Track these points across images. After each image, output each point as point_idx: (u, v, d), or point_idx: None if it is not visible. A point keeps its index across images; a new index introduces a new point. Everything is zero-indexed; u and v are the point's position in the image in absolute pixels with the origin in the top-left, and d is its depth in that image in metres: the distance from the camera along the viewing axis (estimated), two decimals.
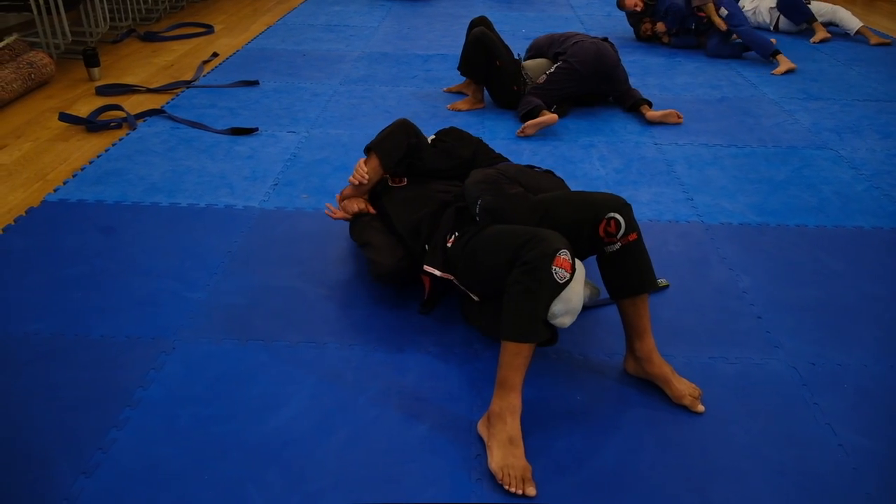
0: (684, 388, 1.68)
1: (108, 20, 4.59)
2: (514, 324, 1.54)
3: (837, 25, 5.19)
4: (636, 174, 2.94)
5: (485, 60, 3.45)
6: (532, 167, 2.05)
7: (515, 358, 1.54)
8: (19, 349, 1.82)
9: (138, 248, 2.30)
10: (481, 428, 1.58)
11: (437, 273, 1.87)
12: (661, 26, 4.83)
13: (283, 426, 1.60)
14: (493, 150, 2.26)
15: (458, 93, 3.84)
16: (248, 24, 5.48)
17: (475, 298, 1.83)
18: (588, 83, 3.53)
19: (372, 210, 2.17)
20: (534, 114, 3.33)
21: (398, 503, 1.42)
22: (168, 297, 2.04)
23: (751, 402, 1.72)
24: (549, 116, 3.27)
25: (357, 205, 2.16)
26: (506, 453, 1.49)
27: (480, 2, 6.39)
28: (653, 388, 1.72)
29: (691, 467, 1.53)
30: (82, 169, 2.85)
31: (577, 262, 1.63)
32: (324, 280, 2.15)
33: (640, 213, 2.56)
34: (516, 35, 4.07)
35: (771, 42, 4.50)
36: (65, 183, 2.73)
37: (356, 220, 2.15)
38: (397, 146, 2.10)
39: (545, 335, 1.59)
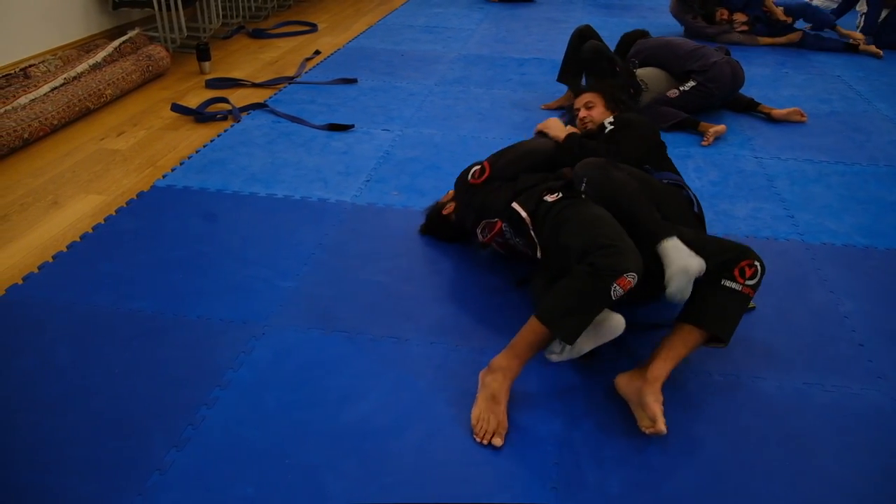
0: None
1: (220, 17, 4.83)
2: (550, 308, 1.61)
3: None
4: (734, 188, 2.84)
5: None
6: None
7: (534, 336, 1.63)
8: (125, 324, 1.94)
9: (236, 235, 2.41)
10: (481, 375, 1.68)
11: (523, 213, 1.91)
12: (740, 16, 4.94)
13: (362, 417, 1.64)
14: (668, 159, 2.19)
15: (559, 108, 3.65)
16: (350, 23, 5.63)
17: (538, 254, 1.88)
18: (715, 103, 3.58)
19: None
20: (686, 125, 3.33)
21: (473, 503, 1.43)
22: (261, 284, 2.12)
23: (847, 433, 1.62)
24: (722, 126, 3.30)
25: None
26: (485, 407, 1.60)
27: (579, 6, 6.32)
28: (737, 409, 1.67)
29: (777, 496, 1.46)
30: (189, 157, 3.01)
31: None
32: (409, 277, 2.18)
33: (736, 229, 2.49)
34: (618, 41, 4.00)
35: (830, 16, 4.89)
36: (173, 170, 2.88)
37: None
38: None
39: (569, 335, 1.60)
